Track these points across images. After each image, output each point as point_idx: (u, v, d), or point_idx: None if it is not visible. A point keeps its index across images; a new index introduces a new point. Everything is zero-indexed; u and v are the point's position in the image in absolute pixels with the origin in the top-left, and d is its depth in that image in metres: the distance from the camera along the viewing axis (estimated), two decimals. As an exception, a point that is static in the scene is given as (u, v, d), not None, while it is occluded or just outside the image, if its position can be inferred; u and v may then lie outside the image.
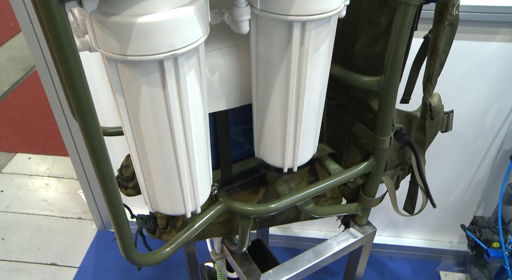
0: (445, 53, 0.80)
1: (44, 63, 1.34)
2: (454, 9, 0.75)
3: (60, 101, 1.43)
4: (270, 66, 0.59)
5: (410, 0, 0.62)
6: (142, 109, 0.51)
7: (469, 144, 1.52)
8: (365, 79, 0.73)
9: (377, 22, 0.70)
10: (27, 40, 1.29)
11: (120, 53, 0.44)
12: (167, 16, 0.43)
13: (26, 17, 1.24)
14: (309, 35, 0.54)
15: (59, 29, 0.39)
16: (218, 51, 0.61)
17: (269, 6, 0.52)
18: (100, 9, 0.43)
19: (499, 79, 1.36)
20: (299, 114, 0.62)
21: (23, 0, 1.21)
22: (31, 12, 1.22)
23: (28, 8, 1.22)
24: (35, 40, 1.28)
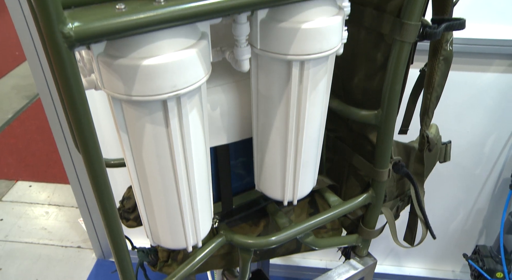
0: (441, 87, 0.82)
1: (48, 92, 1.36)
2: (448, 44, 0.77)
3: (62, 129, 1.45)
4: (270, 102, 0.60)
5: (405, 38, 0.65)
6: (145, 146, 0.52)
7: (468, 173, 1.53)
8: (363, 113, 0.74)
9: (373, 58, 0.72)
10: (32, 69, 1.31)
11: (125, 93, 0.46)
12: (171, 59, 0.44)
13: (32, 46, 1.27)
14: (307, 73, 0.56)
15: (67, 73, 0.40)
16: (219, 87, 0.63)
17: (269, 46, 0.54)
18: (107, 52, 0.45)
19: (496, 108, 1.38)
20: (299, 149, 0.63)
21: (29, 30, 1.24)
22: (37, 42, 1.25)
23: (33, 37, 1.25)
24: (39, 68, 1.31)
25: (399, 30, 0.64)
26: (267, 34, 0.53)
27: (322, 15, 0.53)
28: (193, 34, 0.47)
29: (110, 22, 0.40)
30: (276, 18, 0.52)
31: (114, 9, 0.45)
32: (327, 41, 0.54)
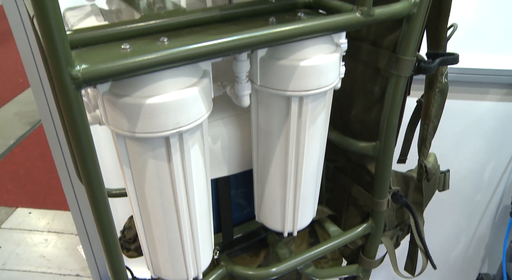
0: (438, 118, 0.83)
1: (50, 118, 1.38)
2: (443, 77, 0.79)
3: (63, 155, 1.46)
4: (270, 136, 0.62)
5: (400, 72, 0.66)
6: (148, 180, 0.53)
7: (468, 200, 1.53)
8: (361, 145, 0.76)
9: (371, 91, 0.74)
10: (35, 95, 1.33)
11: (129, 130, 0.47)
12: (174, 97, 0.46)
13: (36, 73, 1.29)
14: (306, 108, 0.57)
15: (74, 112, 0.42)
16: (220, 121, 0.65)
17: (269, 82, 0.56)
18: (112, 90, 0.47)
19: (494, 136, 1.40)
20: (298, 181, 0.64)
21: (33, 57, 1.27)
22: (41, 69, 1.28)
23: (37, 65, 1.27)
24: (42, 95, 1.33)
25: (395, 65, 0.66)
26: (267, 71, 0.55)
27: (320, 53, 0.55)
28: (195, 72, 0.49)
29: (116, 64, 0.41)
30: (275, 56, 0.54)
31: (119, 49, 0.47)
32: (325, 77, 0.56)
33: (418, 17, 0.63)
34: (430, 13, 0.68)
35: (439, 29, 0.72)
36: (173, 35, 0.51)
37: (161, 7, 0.56)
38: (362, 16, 0.54)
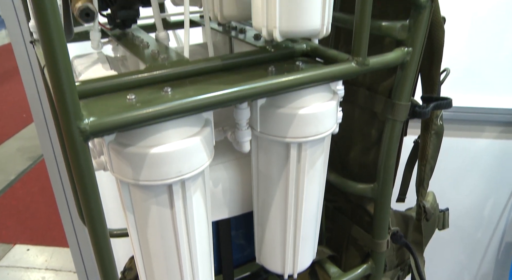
0: (434, 159, 0.85)
1: (52, 153, 1.39)
2: (438, 119, 0.81)
3: (64, 191, 1.47)
4: (270, 180, 0.63)
5: (396, 117, 0.69)
6: (150, 225, 0.54)
7: (469, 237, 1.52)
8: (360, 187, 0.77)
9: (368, 134, 0.76)
10: (38, 130, 1.35)
11: (133, 178, 0.49)
12: (177, 147, 0.48)
13: (39, 108, 1.32)
14: (305, 154, 0.59)
15: (81, 162, 0.44)
16: (221, 165, 0.66)
17: (268, 129, 0.58)
18: (117, 140, 0.49)
19: (492, 173, 1.41)
20: (298, 224, 0.65)
21: (38, 93, 1.30)
22: (44, 104, 1.31)
23: (41, 100, 1.30)
24: (45, 130, 1.35)
25: (391, 109, 0.68)
26: (266, 118, 0.57)
27: (317, 101, 0.57)
28: (198, 122, 0.51)
29: (122, 117, 0.43)
30: (274, 104, 0.56)
31: (125, 99, 0.49)
32: (323, 124, 0.58)
33: (412, 64, 0.65)
34: (423, 60, 0.71)
35: (432, 74, 0.75)
36: (177, 85, 0.53)
37: (165, 57, 0.59)
38: (357, 66, 0.57)
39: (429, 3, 0.62)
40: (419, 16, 0.63)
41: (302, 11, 0.51)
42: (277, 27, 0.51)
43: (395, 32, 0.64)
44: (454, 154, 1.39)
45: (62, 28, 0.38)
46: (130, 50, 0.65)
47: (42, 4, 0.36)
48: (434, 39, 0.70)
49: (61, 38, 0.38)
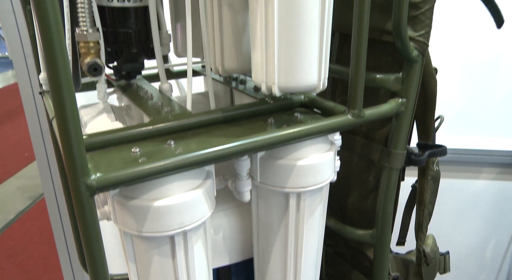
0: (432, 204, 0.86)
1: (53, 192, 1.40)
2: (435, 165, 0.83)
3: (63, 231, 1.46)
4: (270, 228, 0.64)
5: (392, 165, 0.70)
6: (152, 275, 0.55)
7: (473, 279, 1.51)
8: (359, 233, 0.78)
9: (366, 180, 0.78)
10: (40, 168, 1.36)
11: (136, 230, 0.50)
12: (179, 200, 0.49)
13: (42, 147, 1.34)
14: (304, 203, 0.61)
15: (86, 215, 0.45)
16: (222, 212, 0.67)
17: (268, 179, 0.59)
18: (122, 192, 0.50)
19: (491, 214, 1.41)
20: (298, 271, 0.66)
21: (41, 131, 1.32)
22: (47, 143, 1.32)
23: (44, 139, 1.32)
24: (47, 169, 1.36)
25: (387, 157, 0.70)
26: (266, 169, 0.59)
27: (315, 152, 0.59)
28: (200, 174, 0.53)
29: (127, 172, 0.45)
30: (274, 156, 0.58)
31: (130, 153, 0.51)
32: (321, 174, 0.59)
33: (406, 115, 0.68)
34: (418, 108, 0.74)
35: (427, 122, 0.77)
36: (180, 137, 0.56)
37: (168, 110, 0.61)
38: (353, 118, 0.59)
39: (420, 57, 0.65)
40: (412, 69, 0.66)
41: (300, 68, 0.54)
42: (276, 83, 0.54)
43: (389, 84, 0.67)
44: (453, 195, 1.39)
45: (72, 83, 0.40)
46: (135, 102, 0.67)
47: (54, 60, 0.38)
48: (427, 89, 0.73)
49: (71, 93, 0.40)
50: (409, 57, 0.65)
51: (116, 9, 0.67)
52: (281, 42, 0.52)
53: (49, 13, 0.37)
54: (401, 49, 0.64)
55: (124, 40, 0.69)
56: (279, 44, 0.52)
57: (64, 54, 0.38)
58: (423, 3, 0.63)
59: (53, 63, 0.38)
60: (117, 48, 0.70)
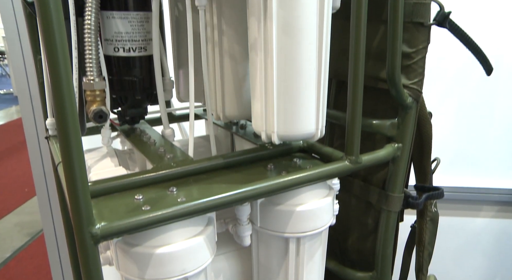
0: (432, 245, 0.86)
1: (52, 228, 1.39)
2: (433, 206, 0.84)
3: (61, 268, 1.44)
4: (270, 271, 0.65)
5: (390, 208, 0.72)
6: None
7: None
8: (359, 275, 0.78)
9: (365, 222, 0.79)
10: (40, 204, 1.36)
11: (139, 276, 0.50)
12: (181, 247, 0.50)
13: (43, 182, 1.35)
14: (303, 247, 0.61)
15: (89, 261, 0.46)
16: (223, 256, 0.68)
17: (268, 224, 0.60)
18: (124, 239, 0.51)
19: (493, 252, 1.41)
20: (298, 317, 0.66)
21: (43, 168, 1.33)
22: (48, 178, 1.33)
23: (46, 174, 1.33)
24: (47, 204, 1.37)
25: (385, 200, 0.72)
26: (266, 215, 0.60)
27: (314, 198, 0.60)
28: (201, 221, 0.54)
29: (130, 221, 0.46)
30: (273, 202, 0.59)
31: (133, 199, 0.52)
32: (320, 220, 0.60)
33: (402, 159, 0.70)
34: (414, 152, 0.75)
35: (423, 165, 0.79)
36: (182, 184, 0.57)
37: (171, 157, 0.63)
38: (351, 164, 0.61)
39: (415, 103, 0.68)
40: (407, 115, 0.68)
41: (298, 117, 0.56)
42: (275, 132, 0.56)
43: (385, 130, 0.69)
44: (454, 233, 1.39)
45: (79, 133, 0.42)
46: (138, 148, 0.69)
47: (63, 108, 0.40)
48: (422, 133, 0.75)
49: (79, 142, 0.42)
50: (403, 104, 0.67)
51: (122, 58, 0.70)
52: (280, 93, 0.55)
53: (60, 65, 0.39)
54: (395, 97, 0.67)
55: (129, 88, 0.72)
56: (278, 95, 0.55)
57: (73, 103, 0.41)
58: (415, 53, 0.66)
59: (62, 111, 0.40)
60: (122, 95, 0.73)
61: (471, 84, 1.25)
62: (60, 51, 0.39)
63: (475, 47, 0.69)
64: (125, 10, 0.68)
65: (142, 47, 0.71)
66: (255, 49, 0.55)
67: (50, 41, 0.38)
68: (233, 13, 0.62)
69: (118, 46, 0.70)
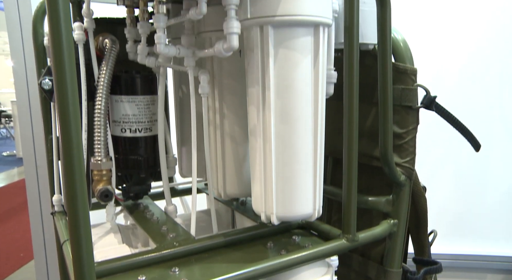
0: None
1: None
2: (433, 278, 0.84)
3: None
4: None
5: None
6: None
7: None
8: None
9: (365, 298, 0.79)
10: (36, 268, 1.34)
11: None
12: None
13: (42, 247, 1.34)
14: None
15: None
16: None
17: None
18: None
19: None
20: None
21: (42, 229, 1.33)
22: (47, 243, 1.33)
23: (45, 237, 1.33)
24: (44, 269, 1.35)
25: (384, 276, 0.72)
26: (266, 294, 0.61)
27: (313, 276, 0.61)
28: (202, 302, 0.55)
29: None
30: None
31: (136, 280, 0.54)
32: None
33: (399, 234, 0.71)
34: (410, 225, 0.77)
35: (421, 238, 0.80)
36: (184, 263, 0.59)
37: (173, 236, 0.65)
38: (348, 242, 0.63)
39: (408, 181, 0.71)
40: (401, 192, 0.71)
41: (296, 200, 0.59)
42: (274, 213, 0.58)
43: (381, 206, 0.71)
44: (458, 303, 1.36)
45: (88, 212, 0.44)
46: (141, 225, 0.71)
47: (74, 190, 0.43)
48: (418, 207, 0.77)
49: (87, 224, 0.44)
50: (397, 182, 0.70)
51: (128, 138, 0.74)
52: (278, 176, 0.58)
53: (74, 147, 0.42)
54: (389, 174, 0.70)
55: (134, 166, 0.75)
56: (276, 178, 0.58)
57: (83, 185, 0.44)
58: (406, 133, 0.70)
59: (73, 192, 0.43)
60: (127, 173, 0.76)
61: (465, 150, 1.28)
62: (75, 135, 0.42)
63: (461, 127, 0.73)
64: (133, 94, 0.73)
65: (147, 128, 0.75)
66: (255, 135, 0.59)
67: (66, 126, 0.42)
68: (234, 98, 0.67)
69: (125, 128, 0.74)
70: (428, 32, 1.34)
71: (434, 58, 1.34)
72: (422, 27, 1.34)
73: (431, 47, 1.34)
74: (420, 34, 1.33)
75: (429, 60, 1.33)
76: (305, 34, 0.55)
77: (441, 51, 1.34)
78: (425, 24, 1.34)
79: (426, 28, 1.34)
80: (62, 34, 0.41)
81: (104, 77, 0.67)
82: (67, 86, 0.41)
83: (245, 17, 0.55)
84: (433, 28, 1.34)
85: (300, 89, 0.56)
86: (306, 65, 0.56)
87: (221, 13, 0.56)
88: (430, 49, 1.34)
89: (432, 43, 1.34)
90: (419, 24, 1.33)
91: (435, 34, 1.34)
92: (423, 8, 1.33)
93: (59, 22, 0.40)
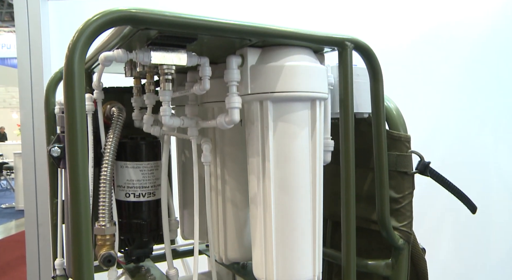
0: None
1: None
2: None
3: None
4: None
5: None
6: None
7: None
8: None
9: None
10: None
11: None
12: None
13: None
14: None
15: None
16: None
17: None
18: None
19: None
20: None
21: None
22: None
23: None
24: None
25: None
26: None
27: None
28: None
29: None
30: None
31: None
32: None
33: (400, 299, 0.71)
34: None
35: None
36: None
37: (175, 303, 0.65)
38: (349, 309, 0.63)
39: (406, 244, 0.72)
40: (400, 256, 0.72)
41: (296, 265, 0.59)
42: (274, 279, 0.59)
43: (381, 270, 0.72)
44: None
45: None
46: None
47: (80, 257, 0.44)
48: (418, 270, 0.78)
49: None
50: (395, 246, 0.71)
51: (132, 203, 0.76)
52: (279, 243, 0.59)
53: (82, 214, 0.44)
54: (387, 238, 0.71)
55: (137, 230, 0.76)
56: (276, 245, 0.59)
57: (90, 252, 0.45)
58: (403, 198, 0.72)
59: (79, 260, 0.44)
60: (129, 237, 0.77)
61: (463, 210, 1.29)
62: (83, 200, 0.44)
63: (456, 191, 0.75)
64: (138, 160, 0.76)
65: (151, 192, 0.77)
66: (255, 203, 0.61)
67: (75, 192, 0.45)
68: (235, 165, 0.70)
69: (129, 192, 0.76)
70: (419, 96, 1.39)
71: (426, 121, 1.38)
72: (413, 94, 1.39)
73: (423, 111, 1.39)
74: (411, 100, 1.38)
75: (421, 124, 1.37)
76: (302, 108, 0.59)
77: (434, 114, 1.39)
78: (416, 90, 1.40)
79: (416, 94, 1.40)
80: (76, 108, 0.45)
81: (111, 145, 0.70)
82: (78, 154, 0.45)
83: (246, 93, 0.59)
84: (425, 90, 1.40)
85: (298, 160, 0.59)
86: (304, 137, 0.59)
87: (223, 85, 0.60)
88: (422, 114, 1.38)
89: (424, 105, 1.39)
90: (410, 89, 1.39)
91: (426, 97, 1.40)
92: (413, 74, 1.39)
93: (73, 97, 0.44)
